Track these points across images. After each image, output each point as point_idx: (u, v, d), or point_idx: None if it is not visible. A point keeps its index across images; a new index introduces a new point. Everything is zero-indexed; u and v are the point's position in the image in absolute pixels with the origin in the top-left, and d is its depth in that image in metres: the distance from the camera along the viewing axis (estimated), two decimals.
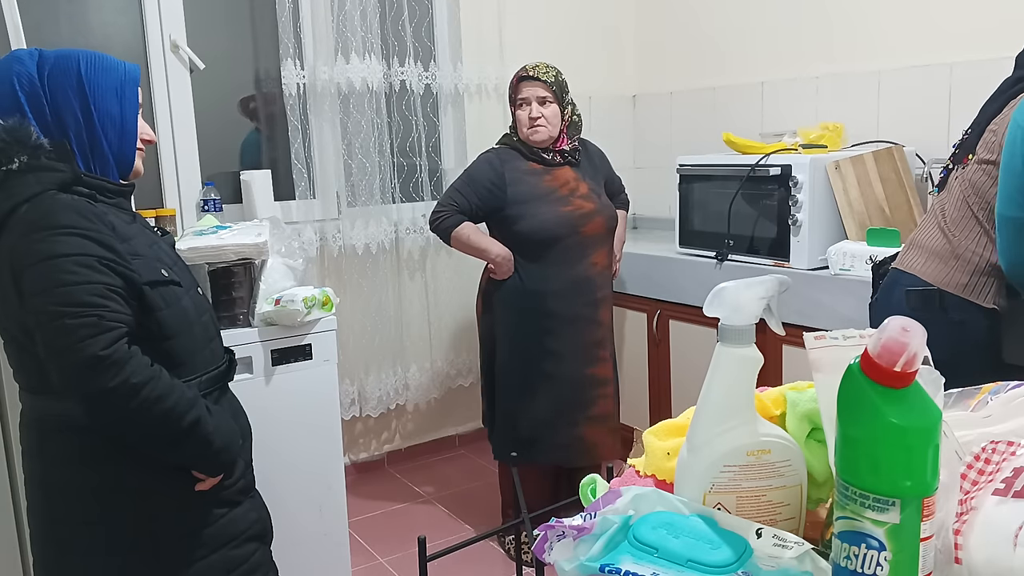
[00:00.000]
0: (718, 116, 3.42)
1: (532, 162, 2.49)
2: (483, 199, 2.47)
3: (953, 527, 0.63)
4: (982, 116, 1.84)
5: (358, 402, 3.20)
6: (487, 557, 2.63)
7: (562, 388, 2.51)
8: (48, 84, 1.35)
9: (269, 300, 2.06)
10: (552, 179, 2.49)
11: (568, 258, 2.48)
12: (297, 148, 2.96)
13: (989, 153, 1.73)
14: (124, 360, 1.24)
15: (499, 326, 2.56)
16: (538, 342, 2.50)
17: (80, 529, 1.37)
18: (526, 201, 2.45)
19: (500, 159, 2.50)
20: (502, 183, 2.46)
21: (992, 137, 1.74)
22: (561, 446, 2.53)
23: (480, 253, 2.51)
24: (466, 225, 2.49)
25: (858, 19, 2.92)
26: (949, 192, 1.83)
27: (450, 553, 1.12)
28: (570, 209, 2.46)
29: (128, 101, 1.42)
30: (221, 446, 1.40)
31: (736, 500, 0.71)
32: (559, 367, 2.50)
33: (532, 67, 2.49)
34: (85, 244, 1.26)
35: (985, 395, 0.79)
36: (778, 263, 2.60)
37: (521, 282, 2.49)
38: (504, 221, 2.48)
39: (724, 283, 0.70)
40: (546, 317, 2.48)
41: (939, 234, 1.80)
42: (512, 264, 2.48)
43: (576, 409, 2.53)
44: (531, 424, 2.52)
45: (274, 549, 1.62)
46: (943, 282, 1.74)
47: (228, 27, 2.96)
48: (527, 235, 2.45)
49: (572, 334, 2.51)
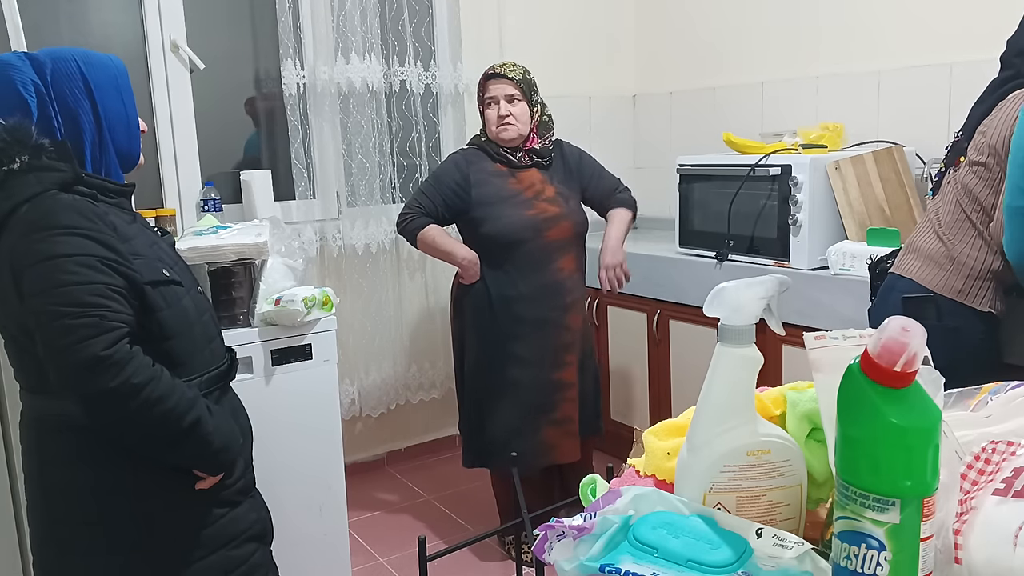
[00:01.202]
0: (718, 116, 3.42)
1: (499, 163, 2.46)
2: (448, 200, 2.44)
3: (953, 527, 0.63)
4: (971, 118, 1.83)
5: (358, 402, 3.20)
6: (487, 557, 2.63)
7: (527, 394, 2.47)
8: (53, 88, 1.34)
9: (269, 300, 2.06)
10: (517, 182, 2.45)
11: (533, 262, 2.43)
12: (297, 148, 2.96)
13: (979, 155, 1.73)
14: (125, 360, 1.24)
15: (468, 331, 2.53)
16: (504, 348, 2.46)
17: (80, 529, 1.37)
18: (491, 203, 2.42)
19: (467, 160, 2.48)
20: (467, 184, 2.43)
21: (982, 139, 1.74)
22: (523, 453, 2.44)
23: (446, 256, 2.48)
24: (431, 227, 2.45)
25: (858, 19, 2.92)
26: (943, 196, 1.83)
27: (450, 553, 1.12)
28: (534, 213, 2.42)
29: (127, 96, 1.43)
30: (221, 446, 1.40)
31: (736, 500, 0.71)
32: (525, 372, 2.46)
33: (499, 65, 2.47)
34: (86, 244, 1.26)
35: (985, 395, 0.79)
36: (778, 263, 2.60)
37: (486, 287, 2.46)
38: (470, 223, 2.46)
39: (724, 283, 0.70)
40: (513, 322, 2.45)
41: (935, 238, 1.80)
42: (478, 268, 2.45)
43: (539, 413, 2.49)
44: (497, 431, 2.49)
45: (274, 549, 1.62)
46: (939, 287, 1.75)
47: (228, 27, 2.96)
48: (491, 238, 2.42)
49: (539, 339, 2.47)
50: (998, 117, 1.72)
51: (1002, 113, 1.72)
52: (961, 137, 1.84)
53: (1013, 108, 1.71)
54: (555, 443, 2.51)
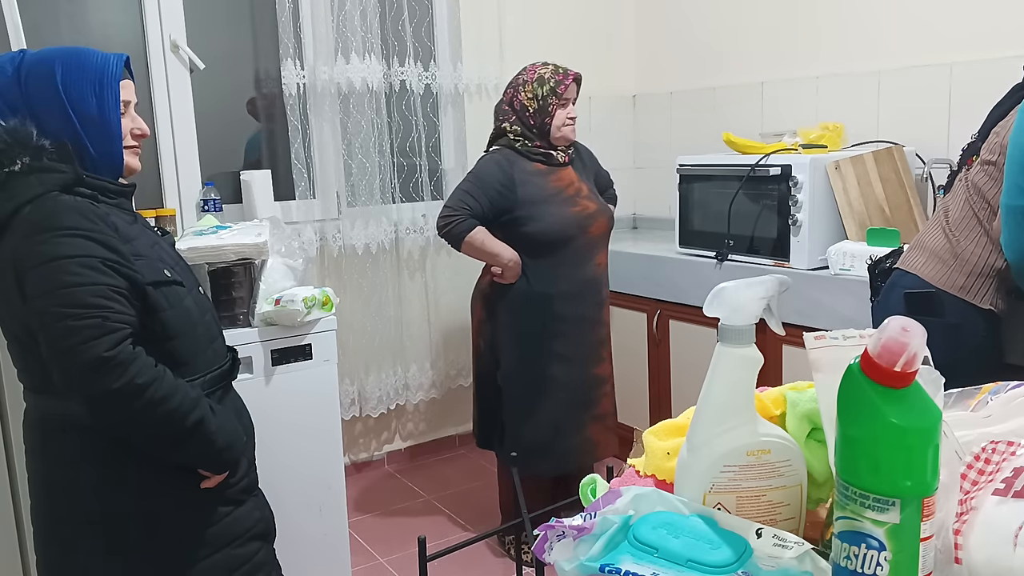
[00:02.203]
0: (718, 116, 3.42)
1: (536, 163, 2.47)
2: (494, 201, 2.42)
3: (953, 527, 0.63)
4: (989, 120, 1.85)
5: (358, 402, 3.20)
6: (487, 557, 2.63)
7: (569, 391, 2.50)
8: (27, 90, 1.33)
9: (269, 300, 2.06)
10: (558, 179, 2.47)
11: (576, 259, 2.47)
12: (297, 148, 2.96)
13: (991, 155, 1.74)
14: (129, 361, 1.24)
15: (503, 331, 2.52)
16: (546, 346, 2.48)
17: (83, 528, 1.38)
18: (535, 202, 2.42)
19: (507, 160, 2.46)
20: (512, 184, 2.42)
21: (995, 139, 1.75)
22: (569, 451, 2.51)
23: (492, 258, 2.45)
24: (479, 229, 2.43)
25: (858, 19, 2.91)
26: (953, 195, 1.84)
27: (450, 553, 1.12)
28: (578, 210, 2.46)
29: (106, 100, 1.36)
30: (224, 445, 1.40)
31: (736, 500, 0.71)
32: (566, 370, 2.49)
33: (571, 70, 2.49)
34: (88, 245, 1.26)
35: (985, 395, 0.79)
36: (778, 263, 2.60)
37: (529, 285, 2.45)
38: (512, 223, 2.44)
39: (724, 283, 0.70)
40: (554, 320, 2.47)
41: (941, 235, 1.81)
42: (520, 269, 2.46)
43: (582, 410, 2.53)
44: (541, 432, 2.50)
45: (274, 549, 1.62)
46: (941, 282, 1.75)
47: (228, 27, 2.96)
48: (536, 237, 2.43)
49: (579, 335, 2.50)
50: (1012, 119, 1.73)
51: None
52: (977, 138, 1.85)
53: None
54: (599, 439, 2.57)
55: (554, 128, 2.46)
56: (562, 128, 2.45)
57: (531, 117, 2.46)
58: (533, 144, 2.46)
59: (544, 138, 2.47)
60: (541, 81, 2.45)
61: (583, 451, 2.54)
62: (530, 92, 2.45)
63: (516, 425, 2.53)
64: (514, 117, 2.48)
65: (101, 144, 1.37)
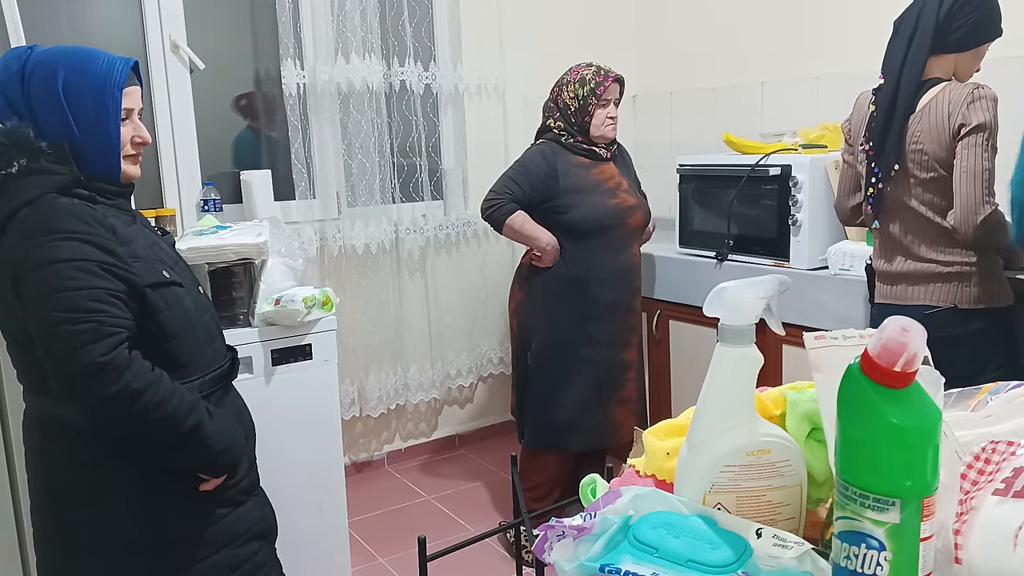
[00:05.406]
0: (718, 116, 3.41)
1: (580, 156, 2.57)
2: (536, 189, 2.54)
3: (953, 527, 0.63)
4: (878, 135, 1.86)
5: (358, 402, 3.20)
6: (487, 557, 2.63)
7: (598, 372, 2.59)
8: (29, 90, 1.32)
9: (269, 300, 2.06)
10: (600, 172, 2.58)
11: (613, 248, 2.58)
12: (297, 148, 2.96)
13: (930, 171, 1.77)
14: (124, 366, 1.24)
15: (537, 312, 2.62)
16: (580, 328, 2.57)
17: (84, 529, 1.38)
18: (577, 192, 2.53)
19: (552, 151, 2.58)
20: (555, 174, 2.54)
21: (923, 156, 1.77)
22: (594, 428, 2.61)
23: (530, 241, 2.57)
24: (519, 213, 2.55)
25: (858, 19, 2.91)
26: (902, 222, 1.86)
27: (450, 553, 1.12)
28: (617, 201, 2.56)
29: (106, 108, 1.34)
30: (221, 449, 1.40)
31: (736, 500, 0.71)
32: (597, 352, 2.59)
33: (613, 70, 2.58)
34: (85, 249, 1.26)
35: (985, 395, 0.79)
36: (778, 263, 2.60)
37: (567, 268, 2.56)
38: (551, 211, 2.55)
39: (724, 283, 0.70)
40: (590, 303, 2.56)
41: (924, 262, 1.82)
42: (558, 253, 2.55)
43: (609, 391, 2.62)
44: (567, 409, 2.59)
45: (275, 548, 1.62)
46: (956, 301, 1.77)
47: (228, 27, 2.96)
48: (575, 224, 2.53)
49: (612, 319, 2.60)
50: (926, 128, 1.76)
51: (930, 123, 1.76)
52: (875, 153, 1.87)
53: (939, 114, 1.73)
54: (621, 422, 2.66)
55: (594, 127, 2.56)
56: (602, 127, 2.56)
57: (573, 116, 2.57)
58: (576, 140, 2.57)
59: (585, 135, 2.57)
60: (583, 82, 2.55)
61: (608, 430, 2.64)
62: (572, 92, 2.56)
63: (546, 403, 2.62)
64: (558, 114, 2.60)
65: (98, 152, 1.35)
